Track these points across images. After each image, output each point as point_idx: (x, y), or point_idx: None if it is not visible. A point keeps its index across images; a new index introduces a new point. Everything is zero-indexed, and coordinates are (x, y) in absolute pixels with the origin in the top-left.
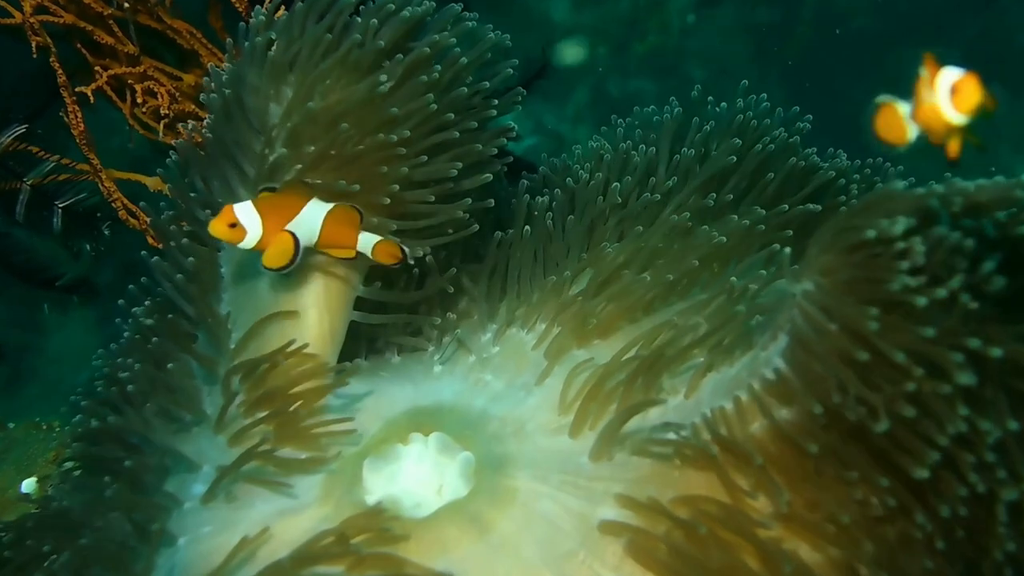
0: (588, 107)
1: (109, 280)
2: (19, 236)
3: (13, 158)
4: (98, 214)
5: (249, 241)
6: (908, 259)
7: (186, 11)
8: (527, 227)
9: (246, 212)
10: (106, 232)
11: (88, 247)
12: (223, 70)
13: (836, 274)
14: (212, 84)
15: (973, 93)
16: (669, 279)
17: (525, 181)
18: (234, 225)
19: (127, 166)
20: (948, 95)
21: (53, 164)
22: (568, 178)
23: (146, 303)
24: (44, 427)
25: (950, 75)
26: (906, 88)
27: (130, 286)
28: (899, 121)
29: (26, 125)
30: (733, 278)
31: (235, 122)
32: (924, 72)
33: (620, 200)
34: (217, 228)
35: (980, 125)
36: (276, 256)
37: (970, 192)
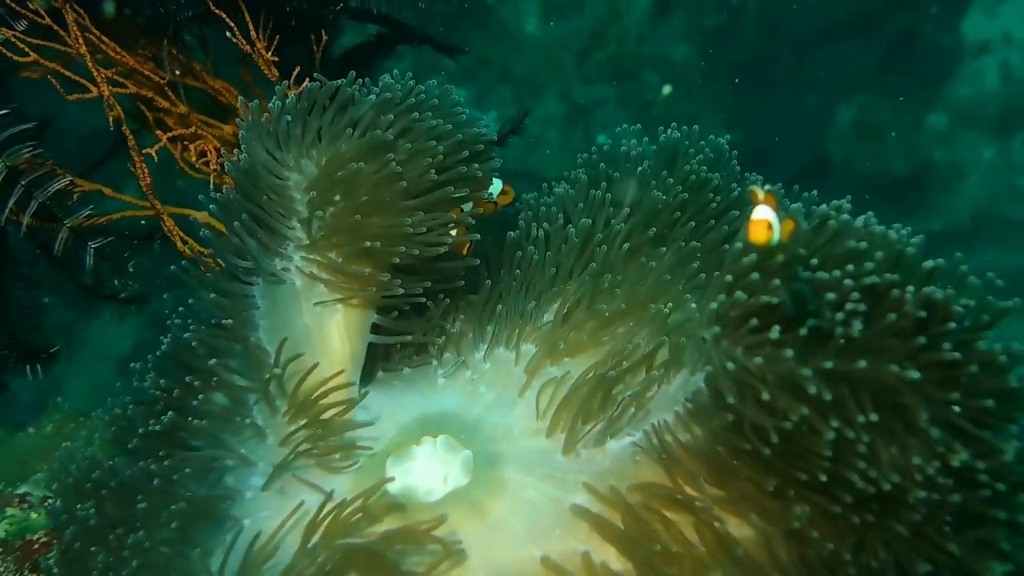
0: (556, 111)
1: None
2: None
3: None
4: (125, 254)
5: None
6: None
7: (224, 63)
8: (517, 271)
9: None
10: (130, 269)
11: (117, 282)
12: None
13: (724, 323)
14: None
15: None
16: (623, 308)
17: (511, 233)
18: None
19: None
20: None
21: (88, 211)
22: (545, 223)
23: (190, 329)
24: (82, 419)
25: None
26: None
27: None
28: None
29: (71, 178)
30: (664, 307)
31: (252, 188)
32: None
33: (585, 241)
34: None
35: None
36: None
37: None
